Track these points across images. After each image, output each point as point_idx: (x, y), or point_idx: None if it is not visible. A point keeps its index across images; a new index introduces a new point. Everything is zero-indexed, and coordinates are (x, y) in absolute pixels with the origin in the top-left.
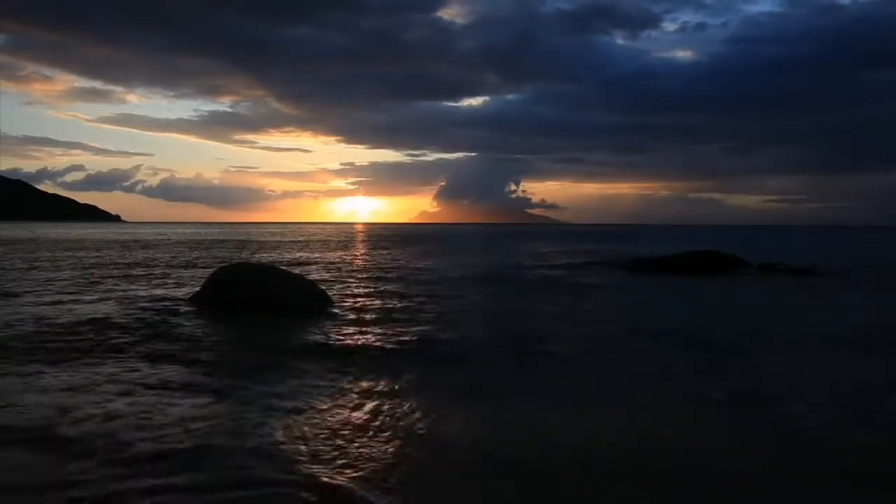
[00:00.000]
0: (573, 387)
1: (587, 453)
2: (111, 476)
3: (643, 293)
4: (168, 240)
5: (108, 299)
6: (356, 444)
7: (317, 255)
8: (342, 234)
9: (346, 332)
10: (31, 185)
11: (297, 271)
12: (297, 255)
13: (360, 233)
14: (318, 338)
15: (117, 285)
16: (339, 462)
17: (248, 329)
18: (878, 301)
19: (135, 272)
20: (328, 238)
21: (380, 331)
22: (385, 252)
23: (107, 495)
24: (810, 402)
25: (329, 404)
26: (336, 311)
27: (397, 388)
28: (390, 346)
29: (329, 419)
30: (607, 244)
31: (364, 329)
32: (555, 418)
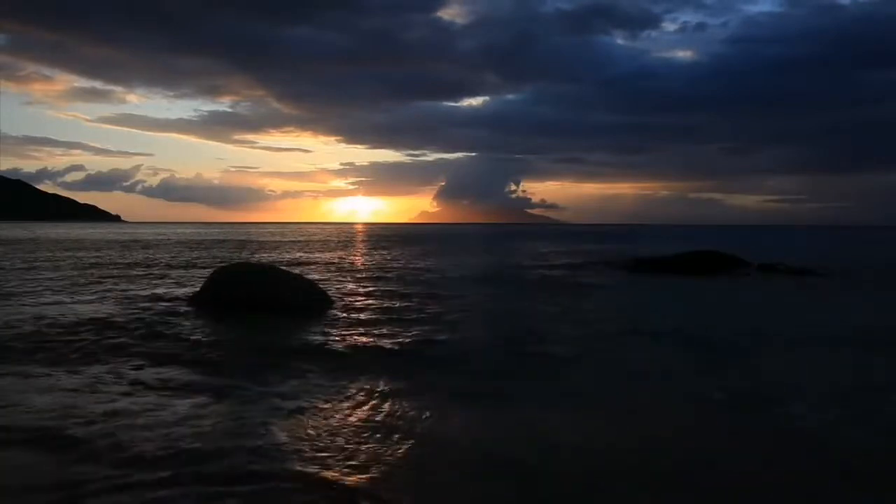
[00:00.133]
0: (573, 387)
1: (587, 453)
2: (112, 476)
3: (643, 293)
4: (168, 240)
5: (108, 299)
6: (357, 445)
7: (317, 255)
8: (342, 234)
9: (346, 332)
10: (31, 185)
11: (296, 271)
12: (297, 255)
13: (360, 233)
14: (319, 338)
15: (117, 285)
16: (340, 462)
17: (248, 329)
18: (878, 301)
19: (135, 272)
20: (328, 238)
21: (380, 331)
22: (385, 252)
23: (108, 496)
24: (810, 402)
25: (329, 405)
26: (336, 311)
27: (397, 388)
28: (390, 346)
29: (329, 419)
30: (607, 244)
31: (364, 329)
32: (555, 418)
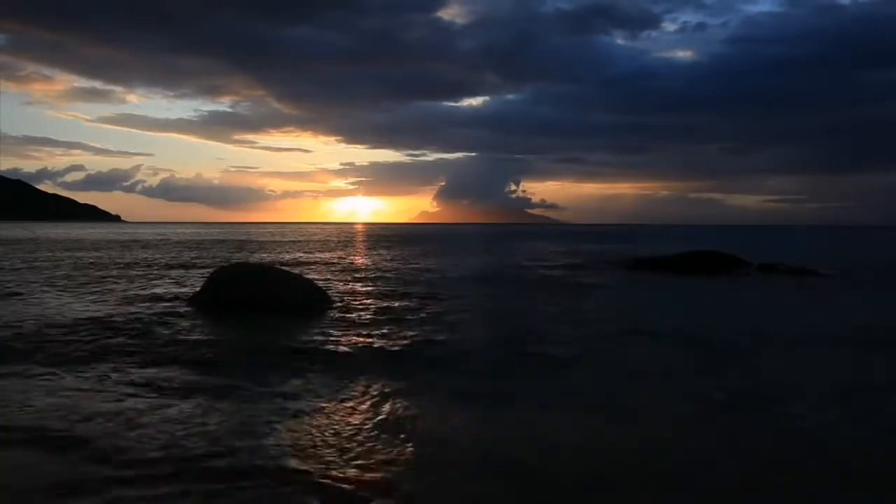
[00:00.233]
0: (573, 387)
1: (587, 453)
2: (112, 476)
3: (643, 293)
4: (168, 240)
5: (108, 299)
6: (357, 445)
7: (316, 255)
8: (342, 234)
9: (346, 332)
10: (31, 185)
11: (296, 271)
12: (297, 255)
13: (359, 233)
14: (319, 338)
15: (117, 285)
16: (341, 462)
17: (248, 329)
18: (878, 301)
19: (134, 272)
20: (328, 238)
21: (380, 331)
22: (385, 252)
23: (109, 495)
24: (810, 402)
25: (330, 405)
26: (336, 311)
27: (398, 388)
28: (390, 346)
29: (330, 420)
30: (607, 244)
31: (364, 329)
32: (555, 418)
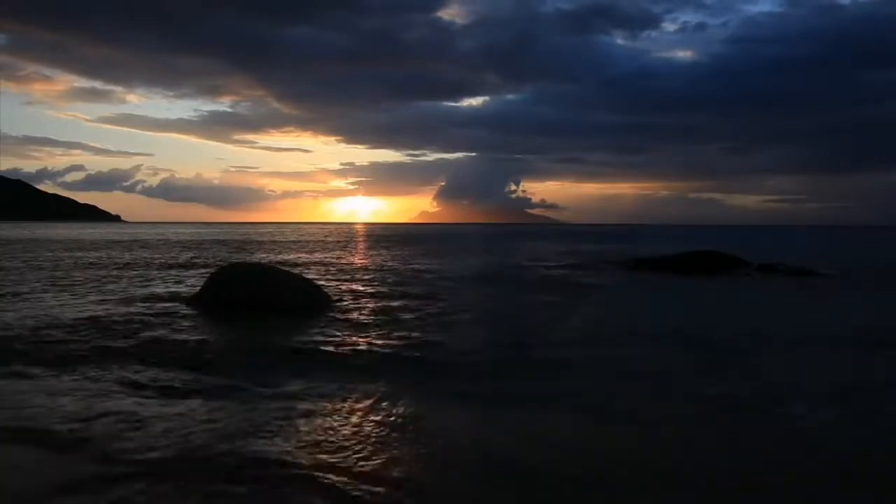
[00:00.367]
0: (573, 387)
1: (587, 453)
2: (112, 476)
3: (643, 293)
4: (168, 240)
5: (108, 300)
6: (357, 445)
7: (316, 255)
8: (342, 234)
9: (346, 333)
10: (31, 185)
11: (296, 271)
12: (297, 255)
13: (360, 233)
14: (319, 338)
15: (117, 285)
16: (341, 463)
17: (249, 330)
18: (878, 301)
19: (134, 272)
20: (328, 238)
21: (380, 331)
22: (385, 252)
23: (108, 495)
24: (810, 402)
25: (330, 405)
26: (336, 311)
27: (397, 389)
28: (390, 346)
29: (329, 420)
30: (607, 244)
31: (364, 330)
32: (555, 419)
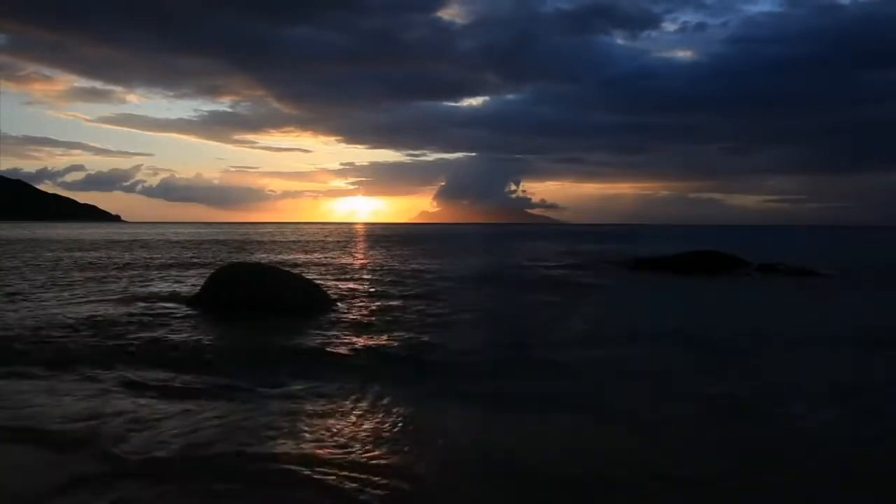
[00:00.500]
0: (573, 387)
1: (587, 454)
2: (112, 476)
3: (643, 293)
4: (168, 240)
5: (108, 300)
6: (357, 446)
7: (317, 255)
8: (342, 234)
9: (346, 333)
10: (31, 185)
11: (296, 271)
12: (297, 255)
13: (360, 233)
14: (319, 339)
15: (117, 285)
16: (341, 463)
17: (248, 330)
18: (878, 301)
19: (134, 272)
20: (328, 238)
21: (380, 332)
22: (385, 252)
23: (108, 495)
24: (810, 402)
25: (330, 406)
26: (336, 311)
27: (397, 389)
28: (390, 346)
29: (330, 421)
30: (607, 244)
31: (364, 330)
32: (555, 419)
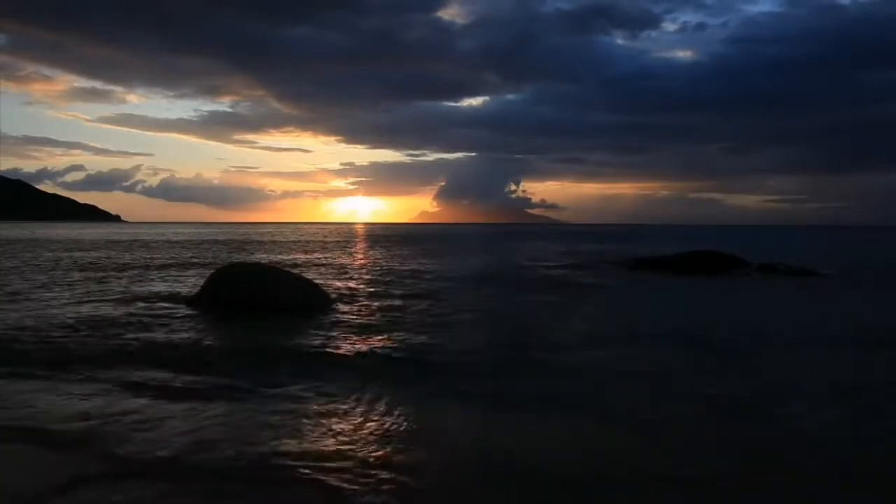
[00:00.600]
0: (573, 388)
1: (587, 454)
2: (111, 476)
3: (643, 293)
4: (168, 240)
5: (108, 300)
6: (357, 447)
7: (317, 255)
8: (342, 234)
9: (346, 333)
10: (31, 185)
11: (296, 271)
12: (297, 255)
13: (360, 233)
14: (319, 339)
15: (117, 285)
16: (340, 464)
17: (249, 330)
18: (878, 301)
19: (134, 272)
20: (328, 238)
21: (380, 332)
22: (385, 252)
23: (108, 494)
24: (810, 402)
25: (330, 407)
26: (336, 311)
27: (397, 389)
28: (390, 347)
29: (331, 422)
30: (607, 244)
31: (364, 330)
32: (555, 420)
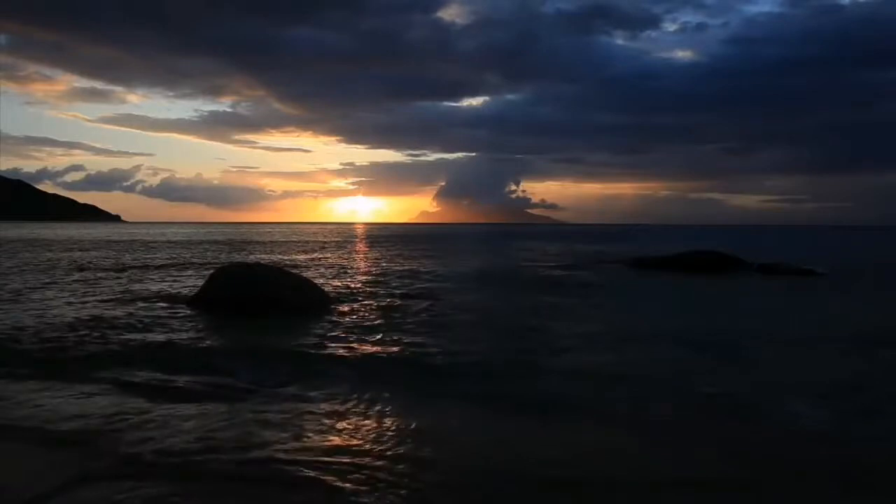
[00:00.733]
0: (573, 388)
1: (588, 455)
2: (111, 475)
3: (643, 293)
4: (168, 240)
5: (108, 300)
6: (358, 447)
7: (316, 255)
8: (342, 235)
9: (346, 334)
10: (31, 185)
11: (296, 271)
12: (297, 255)
13: (359, 233)
14: (318, 340)
15: (117, 285)
16: (340, 465)
17: (248, 330)
18: (878, 301)
19: (134, 272)
20: (328, 238)
21: (379, 332)
22: (385, 252)
23: (108, 494)
24: (810, 402)
25: (330, 408)
26: (335, 311)
27: (397, 390)
28: (390, 347)
29: (329, 422)
30: (607, 244)
31: (364, 331)
32: (555, 421)
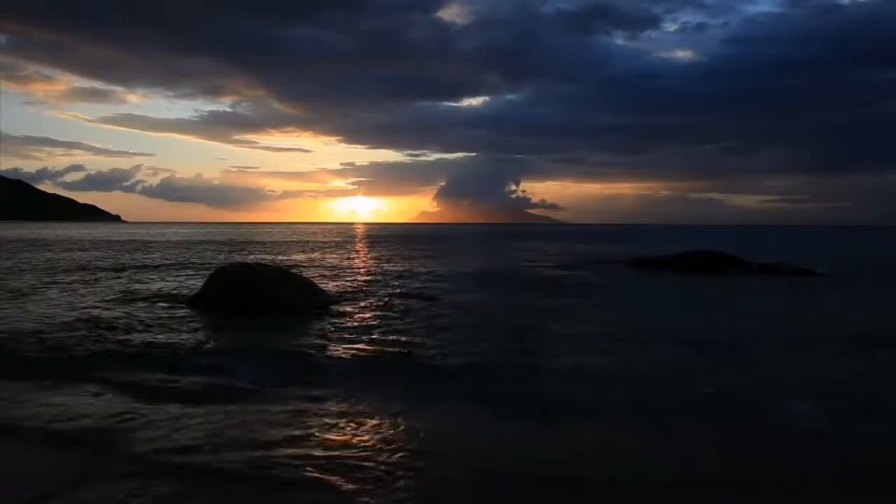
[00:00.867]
0: (573, 388)
1: (587, 455)
2: (111, 475)
3: (643, 293)
4: (168, 240)
5: (108, 300)
6: (358, 447)
7: (316, 255)
8: (342, 235)
9: (345, 334)
10: (31, 185)
11: (296, 271)
12: (297, 255)
13: (359, 233)
14: (319, 340)
15: (117, 285)
16: (340, 465)
17: (248, 330)
18: (877, 301)
19: (134, 272)
20: (328, 238)
21: (380, 332)
22: (385, 252)
23: (109, 496)
24: (811, 402)
25: (329, 408)
26: (335, 311)
27: (396, 391)
28: (390, 347)
29: (329, 422)
30: (608, 244)
31: (363, 331)
32: (555, 421)
